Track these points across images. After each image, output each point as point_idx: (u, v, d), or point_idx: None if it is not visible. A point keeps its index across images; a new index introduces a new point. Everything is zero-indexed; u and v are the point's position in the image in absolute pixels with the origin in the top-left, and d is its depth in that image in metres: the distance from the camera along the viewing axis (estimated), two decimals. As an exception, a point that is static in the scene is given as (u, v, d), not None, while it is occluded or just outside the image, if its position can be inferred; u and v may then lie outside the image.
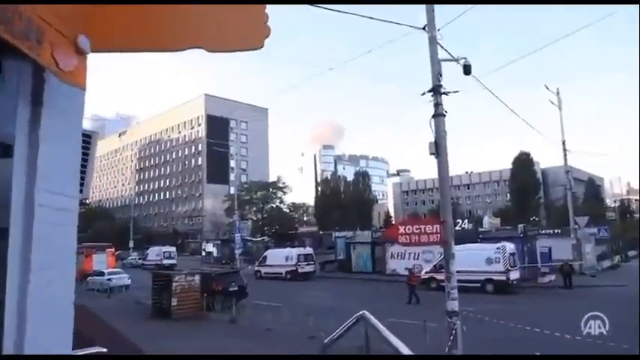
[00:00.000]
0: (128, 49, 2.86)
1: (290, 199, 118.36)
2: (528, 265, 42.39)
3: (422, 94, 16.83)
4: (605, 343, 15.66)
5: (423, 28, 16.44)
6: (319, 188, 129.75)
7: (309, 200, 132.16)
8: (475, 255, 36.56)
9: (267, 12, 3.04)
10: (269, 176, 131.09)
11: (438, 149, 16.26)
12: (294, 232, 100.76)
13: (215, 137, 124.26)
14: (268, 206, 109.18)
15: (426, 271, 39.92)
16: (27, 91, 2.66)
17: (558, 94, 51.10)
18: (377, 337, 8.36)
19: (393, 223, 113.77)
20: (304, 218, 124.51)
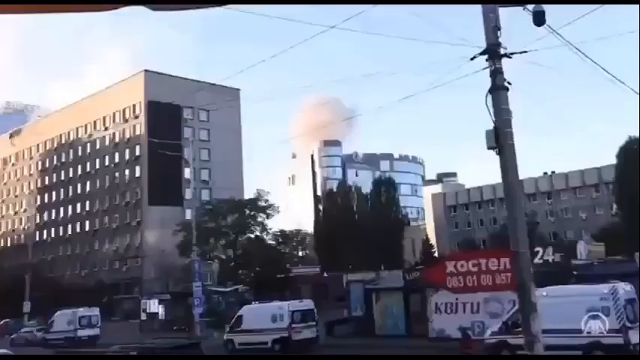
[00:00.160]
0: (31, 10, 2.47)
1: (277, 224, 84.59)
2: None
3: (471, 59, 12.79)
4: None
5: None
6: (321, 206, 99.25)
7: (307, 225, 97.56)
8: (570, 305, 24.93)
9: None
10: (244, 191, 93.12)
11: (500, 140, 12.08)
12: (285, 275, 72.12)
13: (161, 135, 79.62)
14: (244, 237, 77.69)
15: (492, 332, 27.25)
16: None
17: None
18: None
19: (436, 256, 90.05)
20: (299, 253, 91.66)
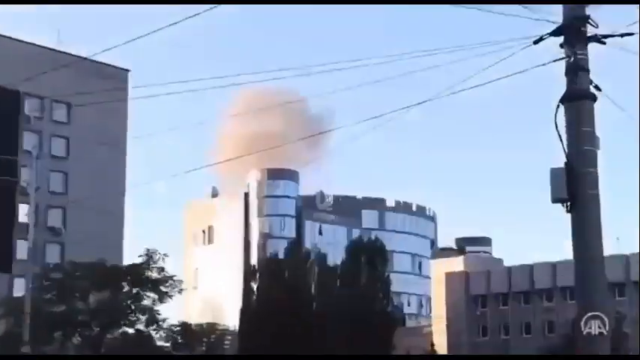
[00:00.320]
0: None
1: (176, 312, 58.12)
2: None
3: (534, 42, 8.02)
4: None
5: None
6: (254, 285, 58.25)
7: (229, 317, 65.74)
8: None
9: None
10: (122, 251, 61.22)
11: (576, 187, 7.43)
12: None
13: None
14: (116, 332, 46.92)
15: None
16: None
17: None
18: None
19: None
20: None
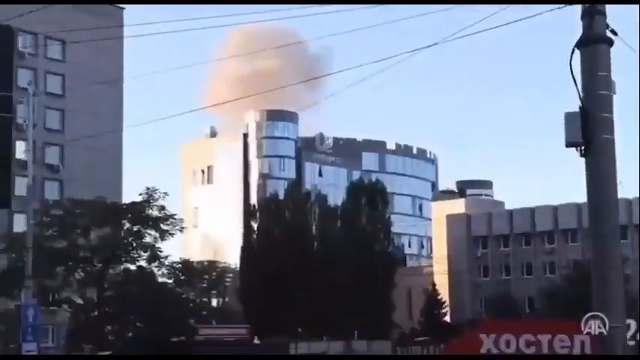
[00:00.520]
0: None
1: (177, 249, 57.41)
2: None
3: None
4: None
5: None
6: (254, 224, 57.94)
7: (229, 254, 67.28)
8: None
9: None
10: (122, 188, 60.22)
11: (591, 131, 6.95)
12: (186, 339, 42.44)
13: None
14: (118, 269, 45.45)
15: None
16: None
17: None
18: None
19: (447, 321, 62.20)
20: (213, 301, 63.59)
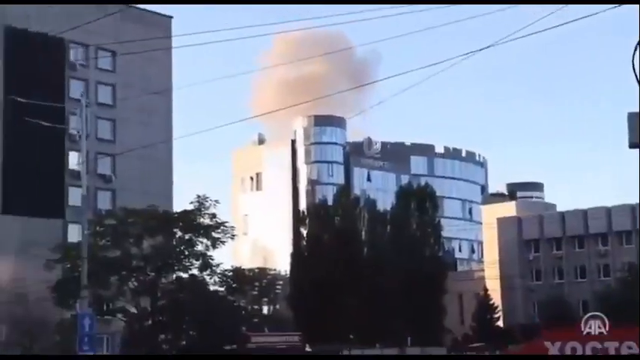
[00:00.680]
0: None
1: (228, 257, 57.03)
2: None
3: None
4: None
5: None
6: (304, 230, 58.06)
7: (280, 261, 67.45)
8: None
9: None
10: (172, 197, 59.14)
11: None
12: (239, 346, 42.43)
13: (27, 91, 36.25)
14: (171, 277, 43.62)
15: None
16: None
17: None
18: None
19: (500, 326, 62.30)
20: (265, 309, 63.78)
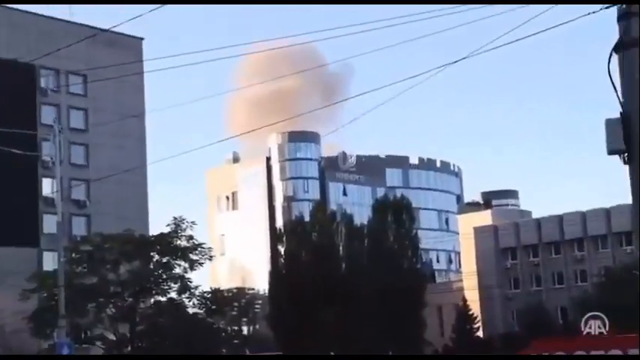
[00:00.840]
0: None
1: (206, 279, 57.44)
2: None
3: None
4: None
5: None
6: (281, 248, 56.75)
7: (258, 280, 69.56)
8: None
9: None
10: (149, 220, 58.97)
11: (634, 138, 6.61)
12: None
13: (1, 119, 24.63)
14: (149, 302, 42.34)
15: None
16: None
17: None
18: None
19: (479, 336, 62.98)
20: (244, 329, 64.64)
